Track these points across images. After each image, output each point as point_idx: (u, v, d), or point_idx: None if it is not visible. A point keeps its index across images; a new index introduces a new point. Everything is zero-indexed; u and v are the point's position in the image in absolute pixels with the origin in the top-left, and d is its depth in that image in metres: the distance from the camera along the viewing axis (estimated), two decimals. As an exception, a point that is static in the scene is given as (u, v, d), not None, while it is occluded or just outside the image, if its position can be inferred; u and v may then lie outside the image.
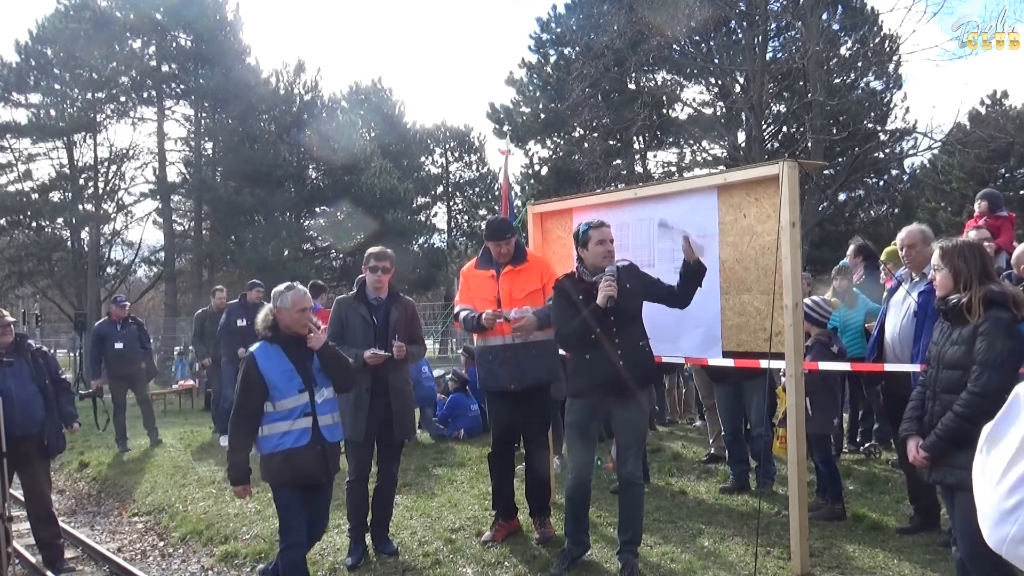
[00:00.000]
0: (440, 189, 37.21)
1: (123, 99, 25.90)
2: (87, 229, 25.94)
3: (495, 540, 4.81)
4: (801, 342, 4.10)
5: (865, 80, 21.43)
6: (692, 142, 24.47)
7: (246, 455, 3.90)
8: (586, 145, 23.98)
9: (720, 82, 22.12)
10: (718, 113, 22.93)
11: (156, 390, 13.67)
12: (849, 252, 6.89)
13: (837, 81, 20.15)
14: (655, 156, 26.62)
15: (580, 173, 22.11)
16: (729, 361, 4.49)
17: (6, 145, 25.14)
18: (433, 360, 15.18)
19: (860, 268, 6.67)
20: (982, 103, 26.58)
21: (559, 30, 25.20)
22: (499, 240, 4.72)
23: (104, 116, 25.91)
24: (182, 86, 26.47)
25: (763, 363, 4.24)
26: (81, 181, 25.84)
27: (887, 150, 21.63)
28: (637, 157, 25.85)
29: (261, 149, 25.51)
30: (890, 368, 4.49)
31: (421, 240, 31.82)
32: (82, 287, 25.40)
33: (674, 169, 25.25)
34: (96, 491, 7.94)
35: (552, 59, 25.48)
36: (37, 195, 25.42)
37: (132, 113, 26.39)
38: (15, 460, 5.01)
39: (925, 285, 4.34)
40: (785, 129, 22.81)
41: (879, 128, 21.28)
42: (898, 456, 5.40)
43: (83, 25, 24.35)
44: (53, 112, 24.82)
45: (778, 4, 20.29)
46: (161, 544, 5.94)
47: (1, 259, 25.21)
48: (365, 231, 25.04)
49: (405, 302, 4.91)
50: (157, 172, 26.23)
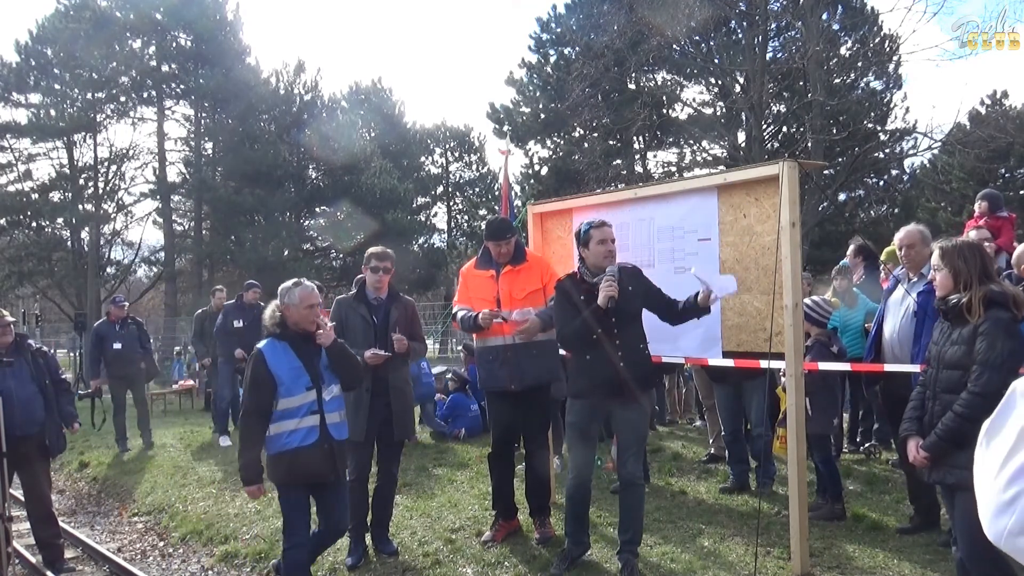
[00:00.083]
0: (440, 189, 37.22)
1: (123, 99, 25.90)
2: (87, 229, 25.94)
3: (495, 540, 4.81)
4: (801, 342, 4.10)
5: (865, 80, 21.45)
6: (692, 142, 24.48)
7: (258, 454, 3.82)
8: (586, 145, 23.98)
9: (720, 82, 22.13)
10: (718, 113, 22.93)
11: (156, 390, 13.69)
12: (849, 252, 6.89)
13: (837, 81, 20.16)
14: (655, 156, 26.67)
15: (580, 173, 22.12)
16: (729, 361, 4.49)
17: (6, 145, 25.13)
18: (433, 360, 15.18)
19: (860, 268, 6.67)
20: (982, 103, 26.61)
21: (559, 30, 25.20)
22: (499, 240, 4.72)
23: (104, 116, 25.92)
24: (182, 86, 26.46)
25: (763, 363, 4.24)
26: (81, 181, 25.84)
27: (887, 150, 21.63)
28: (637, 157, 25.86)
29: (261, 149, 25.50)
30: (890, 368, 4.49)
31: (421, 240, 31.81)
32: (82, 287, 25.40)
33: (674, 169, 25.26)
34: (96, 491, 7.94)
35: (552, 59, 25.48)
36: (37, 195, 25.42)
37: (132, 113, 26.42)
38: (15, 460, 5.00)
39: (924, 285, 4.34)
40: (785, 129, 22.82)
41: (879, 128, 21.29)
42: (898, 456, 5.40)
43: (83, 25, 24.35)
44: (53, 112, 24.82)
45: (778, 4, 20.30)
46: (161, 544, 5.94)
47: (1, 259, 25.21)
48: (365, 231, 25.03)
49: (405, 302, 4.91)
50: (157, 172, 26.23)
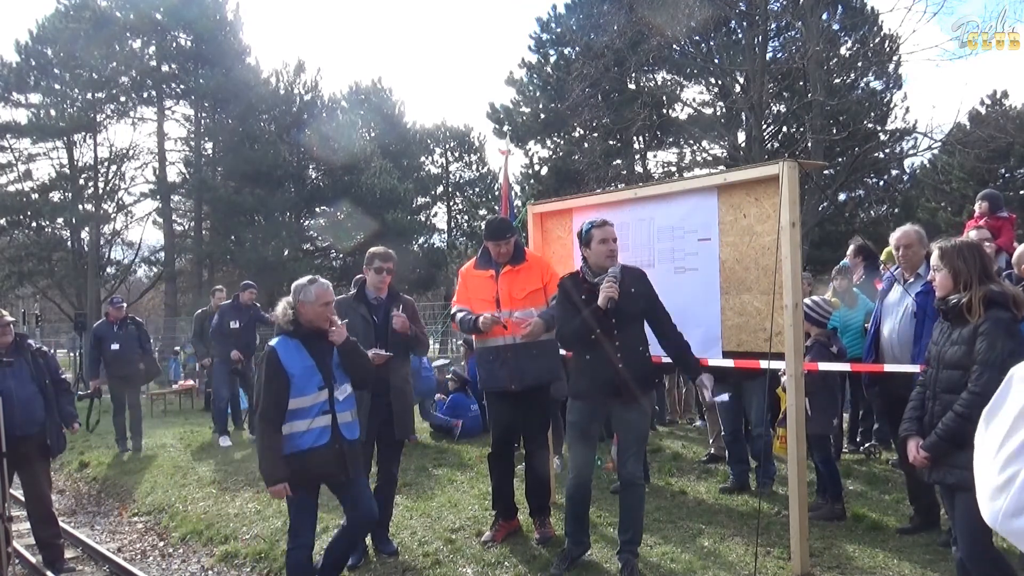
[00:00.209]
0: (440, 189, 37.20)
1: (123, 99, 25.92)
2: (87, 229, 25.96)
3: (495, 540, 4.81)
4: (801, 342, 4.10)
5: (865, 80, 21.45)
6: (692, 142, 24.48)
7: (279, 452, 3.71)
8: (586, 145, 23.98)
9: (720, 82, 22.13)
10: (718, 113, 22.94)
11: (156, 390, 13.69)
12: (849, 252, 6.89)
13: (837, 81, 20.16)
14: (655, 156, 26.68)
15: (580, 173, 22.12)
16: (729, 361, 4.49)
17: (6, 145, 25.16)
18: (434, 360, 15.15)
19: (860, 268, 6.67)
20: (982, 103, 26.58)
21: (559, 30, 25.20)
22: (498, 240, 4.72)
23: (104, 116, 25.94)
24: (182, 86, 26.48)
25: (763, 363, 4.24)
26: (81, 181, 25.86)
27: (887, 150, 21.64)
28: (637, 157, 25.86)
29: (261, 149, 25.50)
30: (890, 369, 4.49)
31: (421, 240, 31.80)
32: (82, 287, 25.41)
33: (674, 169, 25.27)
34: (96, 491, 7.94)
35: (552, 59, 25.49)
36: (37, 195, 25.44)
37: (132, 113, 26.46)
38: (15, 460, 5.00)
39: (922, 285, 4.34)
40: (785, 129, 22.82)
41: (879, 128, 21.29)
42: (898, 456, 5.40)
43: (83, 25, 24.36)
44: (53, 112, 24.83)
45: (778, 4, 20.30)
46: (161, 544, 5.94)
47: (1, 259, 25.23)
48: (365, 231, 25.04)
49: (405, 300, 4.92)
50: (157, 172, 26.25)
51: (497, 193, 31.29)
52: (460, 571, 4.47)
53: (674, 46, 21.00)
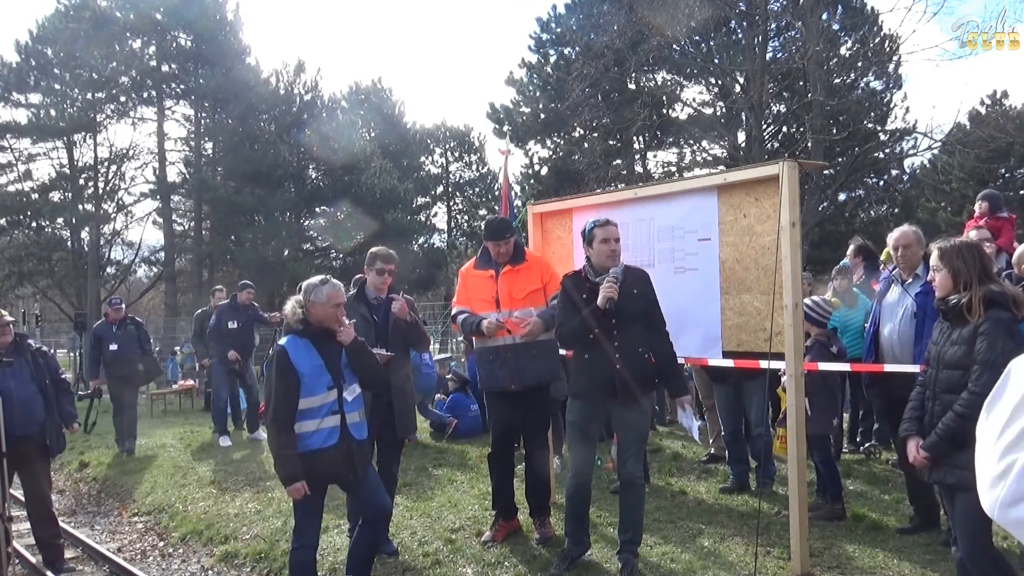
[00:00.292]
0: (440, 189, 37.20)
1: (123, 99, 25.90)
2: (87, 229, 25.94)
3: (495, 540, 4.81)
4: (801, 342, 4.10)
5: (865, 80, 21.44)
6: (692, 142, 24.47)
7: (294, 450, 3.69)
8: (586, 145, 23.98)
9: (720, 82, 22.12)
10: (718, 113, 22.93)
11: (156, 390, 13.69)
12: (849, 252, 6.89)
13: (837, 81, 20.15)
14: (655, 156, 26.66)
15: (580, 173, 22.11)
16: (729, 361, 4.49)
17: (6, 145, 25.13)
18: (435, 355, 15.15)
19: (860, 268, 6.67)
20: (982, 103, 26.56)
21: (559, 30, 25.19)
22: (498, 240, 4.72)
23: (104, 116, 25.91)
24: (182, 86, 26.46)
25: (763, 363, 4.24)
26: (81, 181, 25.84)
27: (887, 150, 21.63)
28: (637, 157, 25.85)
29: (261, 149, 25.49)
30: (890, 369, 4.49)
31: (421, 240, 31.80)
32: (82, 287, 25.40)
33: (674, 169, 25.26)
34: (96, 491, 7.94)
35: (552, 59, 25.47)
36: (37, 195, 25.41)
37: (132, 113, 26.42)
38: (15, 460, 5.00)
39: (921, 285, 4.35)
40: (785, 129, 22.81)
41: (879, 128, 21.28)
42: (898, 456, 5.39)
43: (83, 25, 24.35)
44: (53, 112, 24.82)
45: (778, 4, 20.30)
46: (161, 544, 5.94)
47: (1, 259, 25.21)
48: (365, 231, 25.05)
49: (404, 299, 4.92)
50: (157, 172, 26.23)
51: (497, 193, 31.29)
52: (460, 571, 4.47)
53: (674, 46, 20.99)
